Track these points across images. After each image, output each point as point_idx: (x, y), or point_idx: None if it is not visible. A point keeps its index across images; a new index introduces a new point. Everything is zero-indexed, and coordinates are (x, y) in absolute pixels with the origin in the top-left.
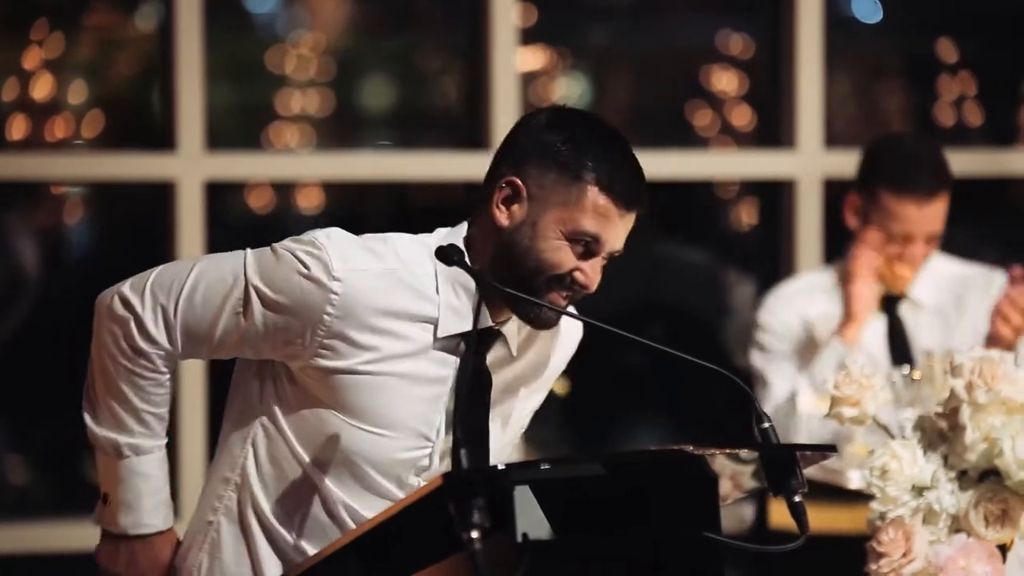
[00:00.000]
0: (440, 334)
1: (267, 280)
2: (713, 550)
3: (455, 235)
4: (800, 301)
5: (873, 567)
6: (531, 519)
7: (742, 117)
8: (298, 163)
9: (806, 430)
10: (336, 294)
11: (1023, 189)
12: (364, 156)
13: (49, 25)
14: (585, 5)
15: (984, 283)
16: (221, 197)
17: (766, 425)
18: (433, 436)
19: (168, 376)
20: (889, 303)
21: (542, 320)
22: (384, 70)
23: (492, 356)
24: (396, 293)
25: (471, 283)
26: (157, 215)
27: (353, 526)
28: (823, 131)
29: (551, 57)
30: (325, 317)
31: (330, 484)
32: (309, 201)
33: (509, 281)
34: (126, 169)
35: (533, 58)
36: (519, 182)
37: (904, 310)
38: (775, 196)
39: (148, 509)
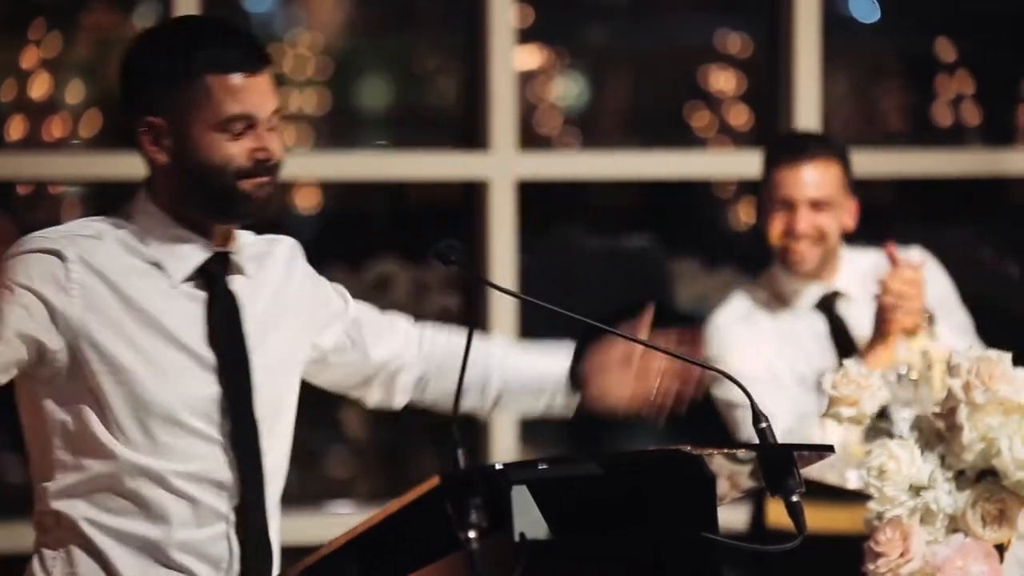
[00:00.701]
0: (179, 277)
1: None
2: (711, 550)
3: (139, 203)
4: (741, 328)
5: (871, 567)
6: (529, 519)
7: (740, 117)
8: (296, 163)
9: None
10: (60, 248)
11: (1021, 189)
12: (362, 156)
13: (47, 25)
14: (583, 4)
15: None
16: None
17: (763, 424)
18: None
19: None
20: (825, 302)
21: (244, 213)
22: (382, 69)
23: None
24: (110, 248)
25: (161, 225)
26: None
27: (192, 491)
28: (821, 130)
29: (549, 56)
30: (68, 266)
31: (149, 460)
32: (307, 201)
33: (207, 203)
34: (124, 168)
35: (531, 57)
36: (151, 118)
37: (841, 307)
38: None
39: None
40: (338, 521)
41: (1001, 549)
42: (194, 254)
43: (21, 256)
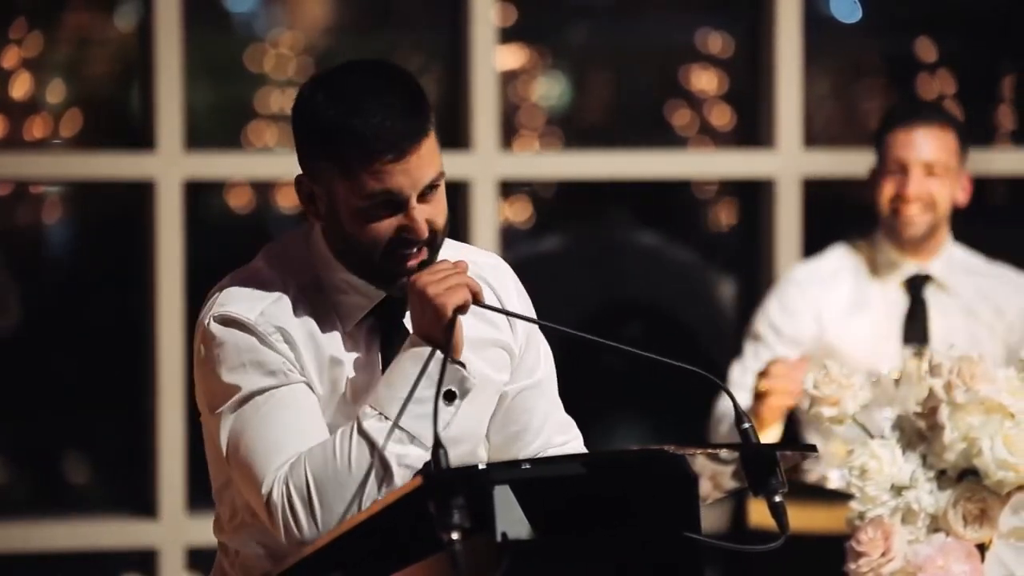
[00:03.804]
0: (349, 324)
1: (234, 369)
2: (693, 550)
3: (316, 242)
4: (816, 291)
5: (852, 566)
6: (511, 519)
7: (721, 116)
8: (277, 162)
9: None
10: (260, 322)
11: (1001, 188)
12: None
13: (27, 24)
14: (565, 4)
15: (1016, 287)
16: (200, 196)
17: (746, 425)
18: None
19: None
20: (915, 282)
21: (395, 287)
22: None
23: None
24: (287, 306)
25: (332, 270)
26: (136, 214)
27: None
28: (802, 131)
29: (531, 56)
30: (275, 343)
31: None
32: (289, 201)
33: (359, 267)
34: (105, 168)
35: (513, 57)
36: (305, 179)
37: (928, 292)
38: (754, 196)
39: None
40: None
41: (982, 548)
42: (365, 301)
43: (225, 331)
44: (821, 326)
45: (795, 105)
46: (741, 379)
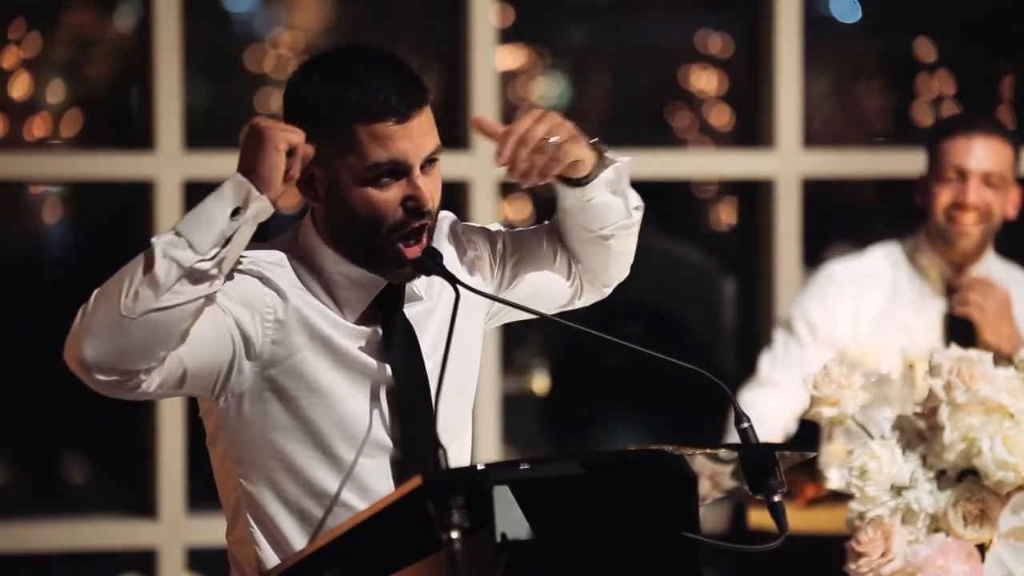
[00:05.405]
0: (352, 319)
1: None
2: (691, 550)
3: (308, 235)
4: (854, 290)
5: (852, 567)
6: (510, 519)
7: (721, 117)
8: None
9: None
10: (267, 275)
11: None
12: None
13: (27, 24)
14: (563, 4)
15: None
16: (200, 196)
17: (745, 425)
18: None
19: None
20: (954, 291)
21: (398, 274)
22: None
23: (415, 310)
24: (291, 278)
25: (331, 262)
26: (136, 214)
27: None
28: (802, 131)
29: (529, 56)
30: (267, 300)
31: (323, 477)
32: (288, 201)
33: (361, 250)
34: (105, 168)
35: (511, 57)
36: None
37: None
38: (754, 196)
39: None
40: None
41: (982, 549)
42: (365, 294)
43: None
44: (856, 327)
45: (794, 105)
46: (769, 373)
